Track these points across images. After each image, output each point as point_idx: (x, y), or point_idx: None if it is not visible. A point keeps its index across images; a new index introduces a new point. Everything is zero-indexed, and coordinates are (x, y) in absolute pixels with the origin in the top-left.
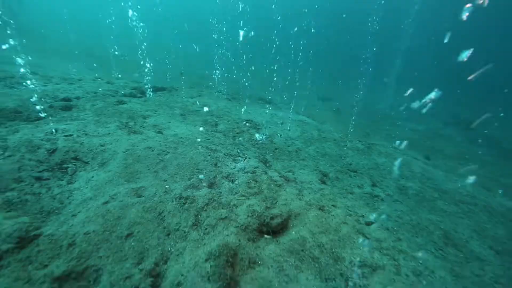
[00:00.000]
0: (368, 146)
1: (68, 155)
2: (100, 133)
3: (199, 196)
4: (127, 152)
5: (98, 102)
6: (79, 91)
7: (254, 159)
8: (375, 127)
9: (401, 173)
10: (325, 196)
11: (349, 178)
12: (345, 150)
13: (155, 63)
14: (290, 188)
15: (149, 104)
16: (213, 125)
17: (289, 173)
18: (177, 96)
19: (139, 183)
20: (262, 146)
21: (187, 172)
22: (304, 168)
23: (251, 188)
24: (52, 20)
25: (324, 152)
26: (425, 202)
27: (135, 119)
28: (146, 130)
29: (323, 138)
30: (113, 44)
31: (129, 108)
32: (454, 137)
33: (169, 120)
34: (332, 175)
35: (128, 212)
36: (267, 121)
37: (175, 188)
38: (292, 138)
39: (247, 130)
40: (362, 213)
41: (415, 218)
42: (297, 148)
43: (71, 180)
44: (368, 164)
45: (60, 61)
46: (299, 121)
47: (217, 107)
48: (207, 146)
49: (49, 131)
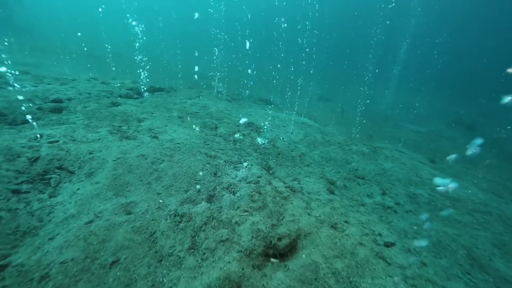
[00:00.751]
0: (373, 150)
1: (52, 164)
2: (89, 139)
3: (197, 213)
4: (118, 160)
5: (90, 104)
6: (72, 92)
7: (257, 166)
8: (377, 128)
9: (408, 178)
10: (336, 210)
11: (357, 186)
12: (350, 154)
13: (154, 62)
14: (297, 201)
15: (145, 105)
16: (212, 128)
17: (295, 182)
18: (175, 97)
19: (130, 197)
20: (264, 151)
21: (183, 184)
22: (309, 175)
23: (254, 202)
24: (52, 19)
25: (329, 157)
26: (437, 212)
27: (129, 123)
28: (140, 135)
29: (327, 141)
30: (112, 43)
31: (123, 111)
32: (457, 139)
33: (165, 124)
34: (339, 183)
35: (114, 233)
36: (269, 124)
37: (170, 202)
38: (295, 142)
39: (248, 134)
40: (379, 230)
41: (432, 233)
42: (301, 153)
43: (54, 193)
44: (375, 170)
45: (58, 60)
46: (302, 124)
47: (216, 108)
48: (206, 153)
49: (33, 136)
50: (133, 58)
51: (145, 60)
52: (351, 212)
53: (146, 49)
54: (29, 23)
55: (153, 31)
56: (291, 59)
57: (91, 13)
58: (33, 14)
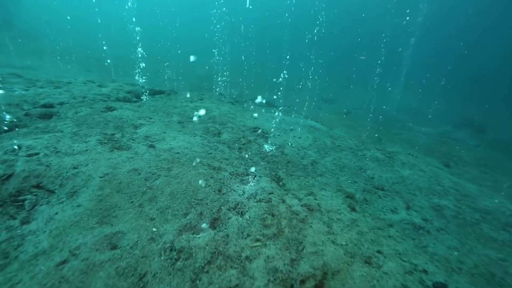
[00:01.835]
0: (388, 155)
1: (28, 182)
2: (75, 151)
3: (199, 246)
4: (105, 177)
5: (83, 109)
6: (65, 95)
7: (265, 177)
8: (385, 131)
9: (430, 187)
10: (363, 235)
11: (378, 199)
12: (364, 160)
13: (155, 64)
14: (316, 223)
15: (143, 110)
16: (215, 134)
17: (310, 197)
18: (176, 100)
19: (116, 225)
20: (272, 159)
21: (182, 204)
22: (325, 188)
23: (267, 227)
24: (52, 21)
25: (342, 164)
26: (468, 227)
27: (123, 130)
28: (135, 144)
29: (338, 146)
30: (114, 45)
31: (118, 116)
32: (467, 141)
33: (164, 130)
34: (359, 196)
35: (93, 278)
36: (275, 128)
37: (165, 231)
38: (305, 148)
39: (254, 140)
40: (421, 265)
41: (477, 260)
42: (312, 161)
43: (27, 219)
44: (392, 178)
45: (57, 63)
46: (309, 127)
47: (219, 112)
48: (209, 164)
49: (10, 148)
50: (134, 60)
51: (146, 62)
52: (383, 238)
53: (148, 50)
54: (30, 25)
55: (155, 33)
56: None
57: (92, 15)
58: (34, 16)
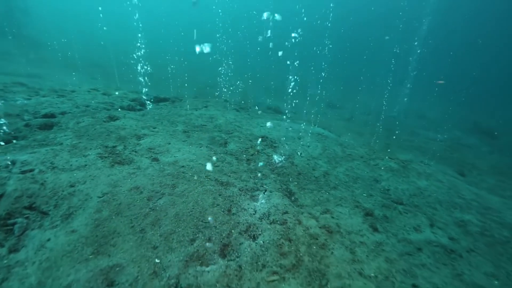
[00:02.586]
0: (403, 165)
1: (20, 203)
2: (73, 166)
3: (208, 284)
4: (104, 197)
5: (85, 119)
6: (68, 104)
7: (277, 192)
8: (394, 137)
9: (450, 200)
10: (393, 263)
11: (399, 215)
12: (378, 170)
13: (159, 70)
14: (338, 248)
15: (147, 119)
16: (222, 144)
17: (327, 216)
18: (181, 108)
19: (114, 255)
20: (282, 171)
21: (189, 229)
22: (341, 203)
23: (284, 256)
24: (60, 31)
25: (356, 176)
26: (498, 246)
27: (126, 141)
28: (137, 157)
29: (349, 155)
30: (120, 52)
31: (121, 126)
32: (480, 147)
33: (168, 140)
34: (378, 212)
35: None
36: (283, 136)
37: (169, 263)
38: (314, 157)
39: (262, 150)
40: None
41: None
42: (324, 172)
43: (16, 246)
44: (409, 190)
45: (63, 71)
46: (317, 134)
47: (225, 120)
48: (217, 179)
49: (4, 164)
50: (139, 68)
51: (151, 69)
52: (416, 268)
53: (153, 57)
54: (38, 34)
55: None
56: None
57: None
58: (42, 25)
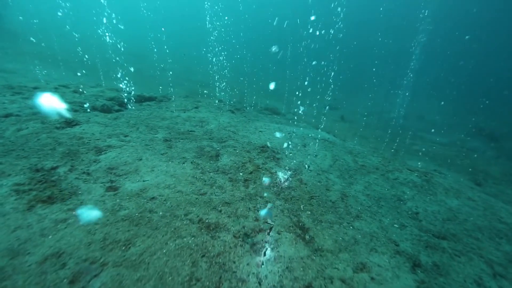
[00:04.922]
0: (426, 178)
1: None
2: None
3: None
4: None
5: (30, 124)
6: (18, 105)
7: (286, 233)
8: (397, 140)
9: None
10: None
11: (451, 261)
12: (399, 186)
13: (151, 68)
14: None
15: (119, 123)
16: (212, 157)
17: (364, 276)
18: (166, 109)
19: None
20: (290, 195)
21: None
22: (375, 247)
23: None
24: (43, 25)
25: (377, 196)
26: None
27: (77, 158)
28: (87, 184)
29: (362, 167)
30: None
31: (78, 134)
32: (486, 152)
33: (140, 155)
34: (424, 259)
35: None
36: (286, 143)
37: None
38: (325, 171)
39: (263, 164)
40: None
41: None
42: (341, 193)
43: None
44: (440, 212)
45: (43, 67)
46: (323, 141)
47: (218, 124)
48: (201, 218)
49: None
50: (130, 66)
51: (139, 65)
52: None
53: (145, 54)
54: (18, 27)
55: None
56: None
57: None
58: (26, 18)
